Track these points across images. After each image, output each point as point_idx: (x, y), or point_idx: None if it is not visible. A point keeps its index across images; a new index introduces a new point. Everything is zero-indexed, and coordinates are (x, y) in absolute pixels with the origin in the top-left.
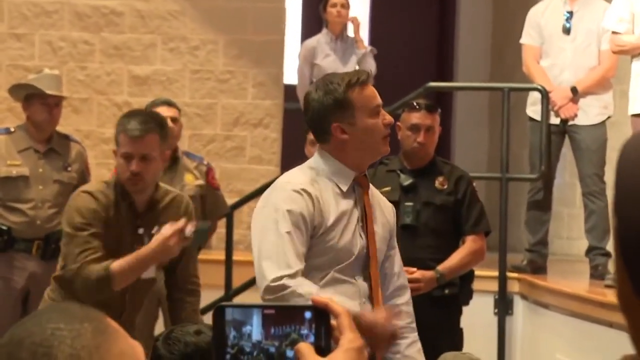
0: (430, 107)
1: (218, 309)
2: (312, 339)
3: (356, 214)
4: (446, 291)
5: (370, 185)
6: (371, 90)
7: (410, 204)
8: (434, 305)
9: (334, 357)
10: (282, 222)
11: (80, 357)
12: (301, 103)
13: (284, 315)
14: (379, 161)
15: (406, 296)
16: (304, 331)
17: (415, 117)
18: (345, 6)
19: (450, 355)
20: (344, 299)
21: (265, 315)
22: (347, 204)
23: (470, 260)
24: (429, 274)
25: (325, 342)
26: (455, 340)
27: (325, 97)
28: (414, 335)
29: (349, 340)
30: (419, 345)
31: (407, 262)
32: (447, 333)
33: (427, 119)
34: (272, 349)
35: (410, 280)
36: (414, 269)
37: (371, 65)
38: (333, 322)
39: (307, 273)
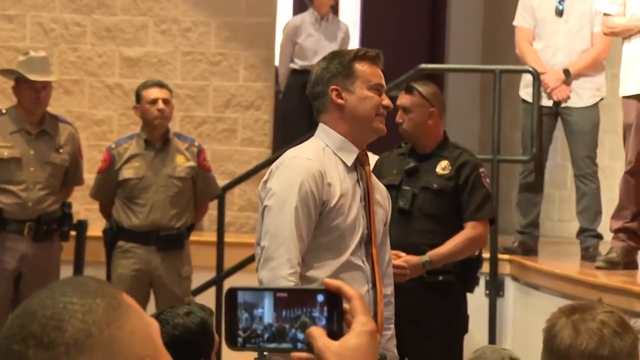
0: (408, 87)
1: (230, 292)
2: (323, 321)
3: (359, 192)
4: (440, 278)
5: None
6: (378, 71)
7: (408, 188)
8: (429, 291)
9: (346, 340)
10: (290, 202)
11: (91, 332)
12: (281, 81)
13: (295, 298)
14: (397, 145)
15: (392, 287)
16: (316, 314)
17: (398, 98)
18: None
19: (489, 349)
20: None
21: (278, 298)
22: (351, 181)
23: (465, 247)
24: (414, 260)
25: (337, 325)
26: (454, 326)
27: (332, 61)
28: (393, 328)
29: (361, 324)
30: (394, 340)
31: (401, 247)
32: (445, 318)
33: (403, 98)
34: (283, 332)
35: (396, 267)
36: (402, 254)
37: None
38: (345, 305)
39: (317, 254)
